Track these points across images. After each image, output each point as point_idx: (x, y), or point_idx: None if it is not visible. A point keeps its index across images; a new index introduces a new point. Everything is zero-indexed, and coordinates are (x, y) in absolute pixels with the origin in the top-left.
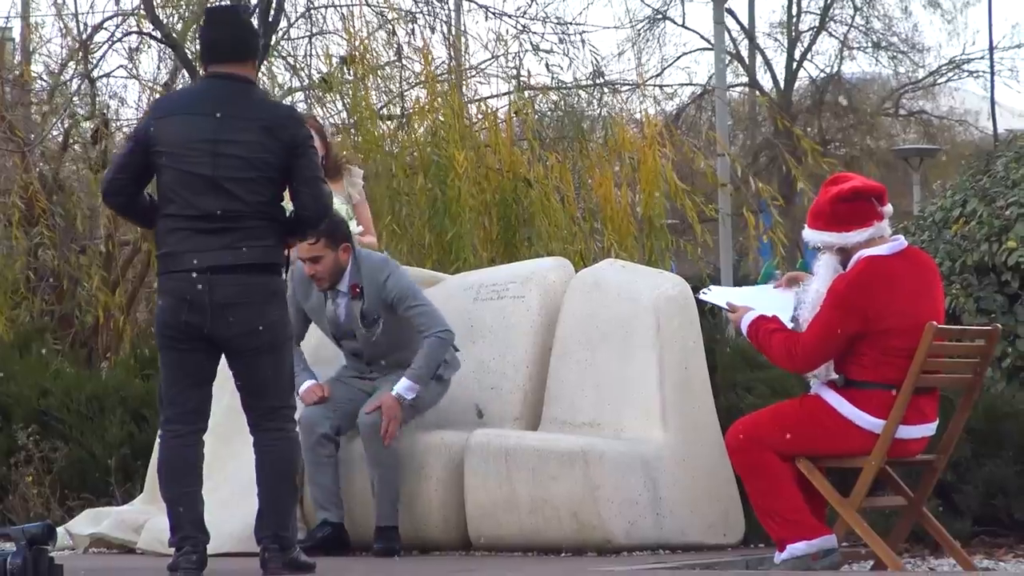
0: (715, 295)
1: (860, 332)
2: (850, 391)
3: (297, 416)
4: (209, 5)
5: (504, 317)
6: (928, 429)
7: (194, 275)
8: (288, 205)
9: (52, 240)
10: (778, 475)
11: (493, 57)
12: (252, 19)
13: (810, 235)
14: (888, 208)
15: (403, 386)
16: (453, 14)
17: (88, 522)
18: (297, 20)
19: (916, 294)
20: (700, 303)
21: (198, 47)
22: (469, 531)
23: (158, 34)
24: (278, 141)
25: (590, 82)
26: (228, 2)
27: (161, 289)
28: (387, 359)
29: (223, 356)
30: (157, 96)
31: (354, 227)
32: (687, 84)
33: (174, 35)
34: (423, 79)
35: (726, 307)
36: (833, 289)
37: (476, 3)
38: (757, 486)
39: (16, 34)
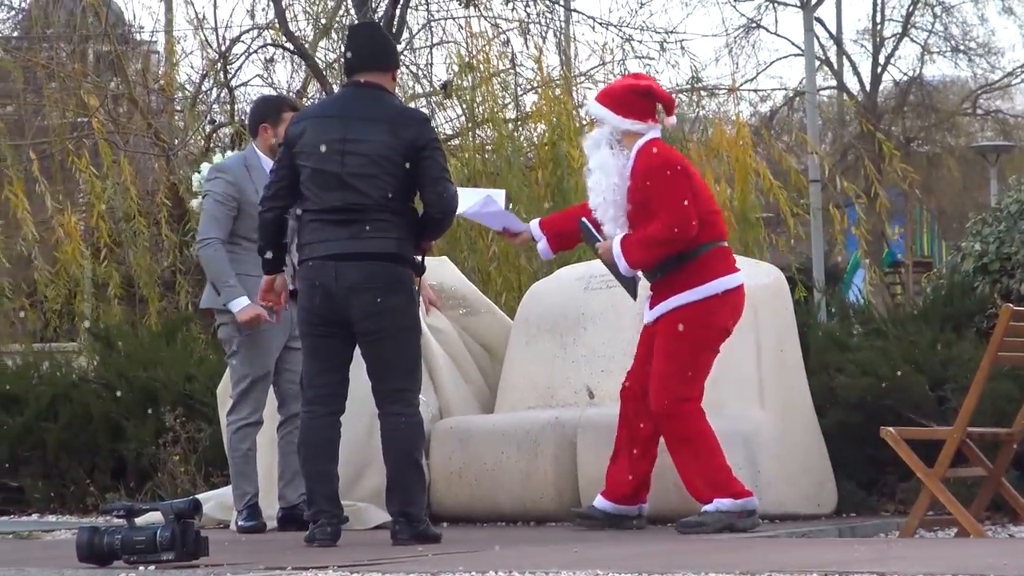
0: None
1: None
2: (692, 264)
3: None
4: (350, 22)
5: (613, 305)
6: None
7: (324, 262)
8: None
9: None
10: (708, 437)
11: (601, 63)
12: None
13: (593, 106)
14: (672, 120)
15: None
16: (563, 24)
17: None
18: (419, 32)
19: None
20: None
21: (343, 59)
22: (582, 503)
23: (291, 46)
24: (402, 140)
25: (689, 86)
26: (365, 18)
27: (299, 276)
28: None
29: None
30: None
31: None
32: (780, 88)
33: (305, 46)
34: (537, 84)
35: (596, 243)
36: (669, 164)
37: (584, 15)
38: (688, 450)
39: (160, 47)
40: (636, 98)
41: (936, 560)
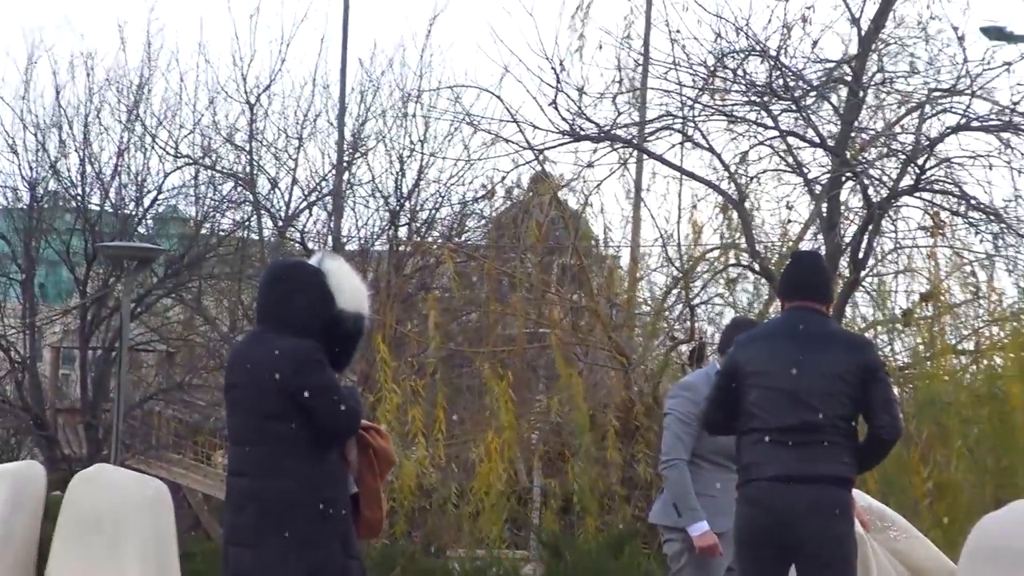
0: None
1: None
2: None
3: None
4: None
5: None
6: None
7: (773, 484)
8: None
9: (647, 455)
10: None
11: None
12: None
13: None
14: None
15: None
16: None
17: None
18: (884, 258)
19: None
20: None
21: (784, 284)
22: None
23: (756, 266)
24: (856, 362)
25: None
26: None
27: (740, 497)
28: None
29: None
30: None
31: None
32: None
33: (771, 268)
34: (996, 318)
35: None
36: None
37: None
38: None
39: (624, 262)
40: None
41: None
